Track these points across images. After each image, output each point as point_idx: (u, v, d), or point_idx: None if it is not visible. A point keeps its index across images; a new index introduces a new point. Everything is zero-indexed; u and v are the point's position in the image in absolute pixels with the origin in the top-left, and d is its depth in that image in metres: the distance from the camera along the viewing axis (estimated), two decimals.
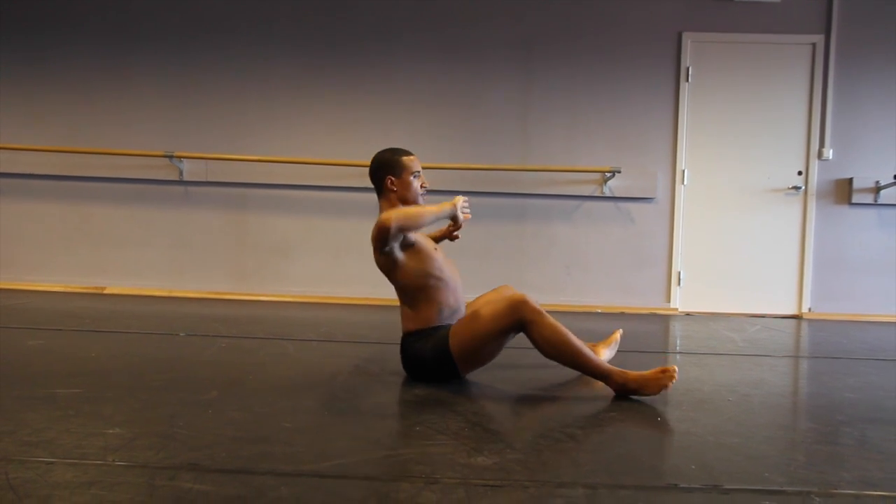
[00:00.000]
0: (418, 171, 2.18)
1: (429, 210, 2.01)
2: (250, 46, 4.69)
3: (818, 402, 2.03)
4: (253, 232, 4.72)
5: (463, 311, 2.19)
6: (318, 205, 4.68)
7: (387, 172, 2.15)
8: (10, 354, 2.36)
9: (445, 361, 2.01)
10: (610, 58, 4.61)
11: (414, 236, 2.09)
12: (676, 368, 1.89)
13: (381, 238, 1.97)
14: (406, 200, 2.16)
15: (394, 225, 1.92)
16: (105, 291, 4.67)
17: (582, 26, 4.62)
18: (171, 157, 4.57)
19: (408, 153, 2.20)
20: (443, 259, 2.16)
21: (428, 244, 2.15)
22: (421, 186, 2.18)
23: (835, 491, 1.23)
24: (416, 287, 2.07)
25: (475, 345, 1.98)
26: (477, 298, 2.35)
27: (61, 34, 4.73)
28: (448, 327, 2.07)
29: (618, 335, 2.59)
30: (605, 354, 2.42)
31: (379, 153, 2.21)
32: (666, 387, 1.88)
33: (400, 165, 2.15)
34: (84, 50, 4.72)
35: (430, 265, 2.08)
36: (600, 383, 2.06)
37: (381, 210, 2.17)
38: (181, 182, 4.70)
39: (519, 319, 1.91)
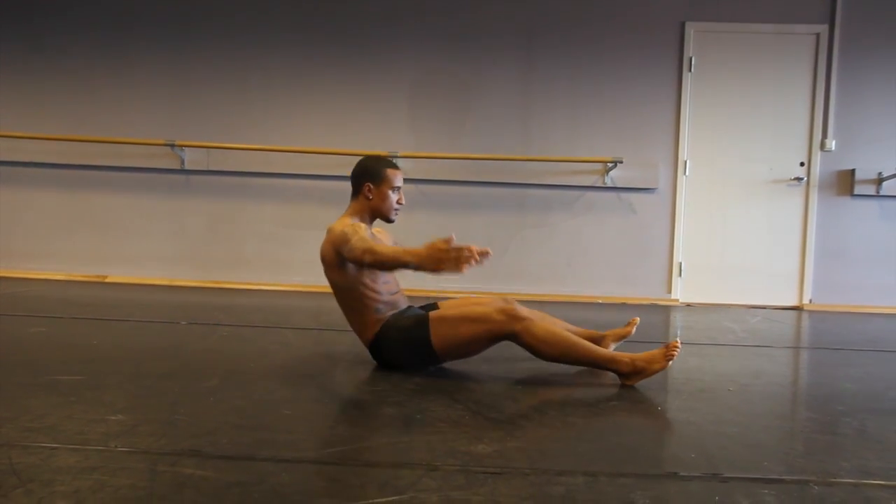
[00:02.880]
0: (398, 187, 2.16)
1: (393, 258, 1.88)
2: (252, 35, 4.66)
3: (818, 393, 2.04)
4: (254, 220, 4.71)
5: (401, 302, 2.19)
6: (318, 194, 4.68)
7: (367, 179, 2.13)
8: (12, 342, 2.37)
9: (427, 354, 2.04)
10: (612, 47, 4.58)
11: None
12: (679, 341, 1.95)
13: (343, 252, 1.98)
14: (379, 211, 2.15)
15: (367, 260, 1.91)
16: (106, 280, 4.68)
17: (584, 15, 4.58)
18: (172, 145, 4.55)
19: (393, 166, 2.17)
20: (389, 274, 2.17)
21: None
22: (398, 202, 2.17)
23: (834, 480, 1.24)
24: (349, 287, 2.07)
25: (461, 350, 2.04)
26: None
27: (62, 22, 4.70)
28: (409, 314, 2.10)
29: (632, 328, 2.43)
30: (612, 347, 2.34)
31: (365, 158, 2.18)
32: (672, 356, 1.92)
33: (381, 176, 2.13)
34: (85, 38, 4.69)
35: (373, 276, 2.08)
36: (607, 374, 2.05)
37: (350, 210, 2.17)
38: (182, 171, 4.69)
39: (509, 331, 1.94)
